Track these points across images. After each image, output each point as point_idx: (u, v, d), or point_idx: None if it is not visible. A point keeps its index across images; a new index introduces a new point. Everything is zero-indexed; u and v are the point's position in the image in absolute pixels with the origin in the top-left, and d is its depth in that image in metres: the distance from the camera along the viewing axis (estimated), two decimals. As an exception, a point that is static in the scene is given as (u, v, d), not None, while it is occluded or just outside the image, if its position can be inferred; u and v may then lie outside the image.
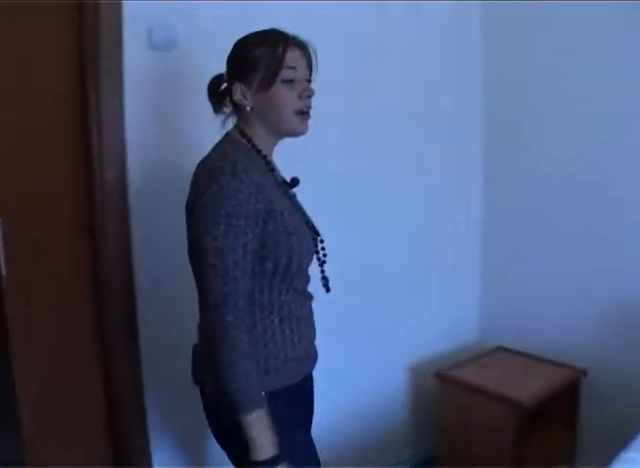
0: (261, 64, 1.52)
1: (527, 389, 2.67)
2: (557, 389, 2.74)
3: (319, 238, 1.70)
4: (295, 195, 1.71)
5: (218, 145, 1.59)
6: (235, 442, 1.49)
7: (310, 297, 1.69)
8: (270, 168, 1.59)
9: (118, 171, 2.01)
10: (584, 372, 2.84)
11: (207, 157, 1.57)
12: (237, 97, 1.56)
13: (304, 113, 1.57)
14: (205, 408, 1.65)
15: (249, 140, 1.58)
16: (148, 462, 2.17)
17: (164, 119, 2.09)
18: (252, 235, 1.41)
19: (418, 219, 2.98)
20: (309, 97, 1.56)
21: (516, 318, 3.19)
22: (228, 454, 1.64)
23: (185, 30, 2.07)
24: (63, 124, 1.95)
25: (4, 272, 1.88)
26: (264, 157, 1.59)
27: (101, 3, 1.87)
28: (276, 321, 1.55)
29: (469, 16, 3.09)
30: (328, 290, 1.72)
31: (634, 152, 2.63)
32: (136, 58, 1.98)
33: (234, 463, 1.63)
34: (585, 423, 2.88)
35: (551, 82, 2.89)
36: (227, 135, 1.61)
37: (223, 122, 1.65)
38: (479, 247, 3.31)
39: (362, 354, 2.76)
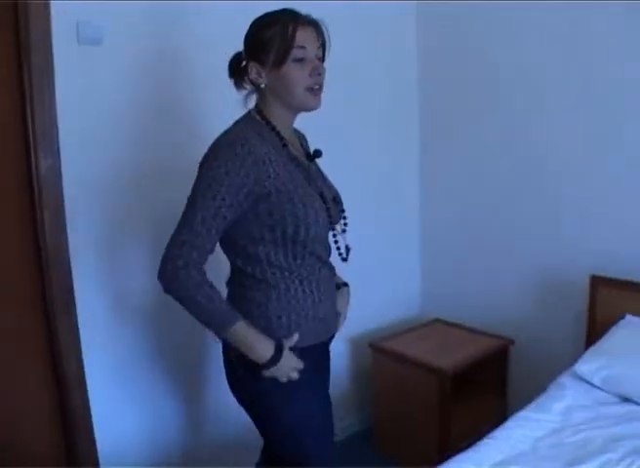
0: (274, 44, 1.62)
1: (453, 358, 2.84)
2: (484, 357, 2.92)
3: (340, 208, 1.85)
4: (314, 167, 1.83)
5: (235, 122, 1.71)
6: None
7: (330, 267, 1.82)
8: (283, 143, 1.69)
9: (53, 159, 2.15)
10: (512, 341, 3.01)
11: (222, 132, 1.69)
12: (253, 75, 1.68)
13: (315, 90, 1.67)
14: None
15: (263, 117, 1.70)
16: (89, 425, 2.34)
17: (93, 110, 2.22)
18: (229, 202, 1.53)
19: (361, 202, 3.12)
20: (320, 74, 1.66)
21: (453, 292, 3.37)
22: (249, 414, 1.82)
23: (113, 26, 2.19)
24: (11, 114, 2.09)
25: None
26: (278, 133, 1.69)
27: (30, 3, 1.99)
28: (297, 281, 1.69)
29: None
30: (344, 259, 1.86)
31: (556, 138, 2.79)
32: (66, 53, 2.11)
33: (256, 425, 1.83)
34: (514, 389, 3.06)
35: (481, 80, 3.06)
36: (248, 112, 1.73)
37: (244, 100, 1.77)
38: (418, 228, 3.48)
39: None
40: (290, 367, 1.65)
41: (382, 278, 3.30)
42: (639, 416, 2.07)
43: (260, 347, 1.61)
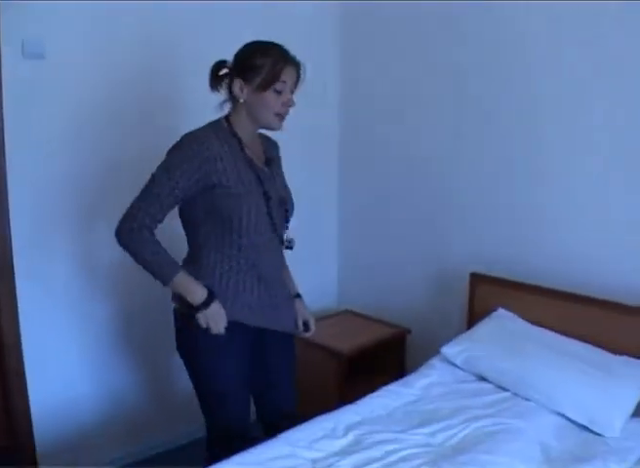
0: (262, 72, 1.98)
1: (351, 343, 3.22)
2: (382, 343, 3.29)
3: (284, 208, 2.19)
4: (267, 170, 2.16)
5: (205, 125, 2.07)
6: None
7: (273, 261, 2.18)
8: (241, 147, 2.06)
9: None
10: (409, 330, 3.38)
11: (191, 130, 2.06)
12: (235, 90, 2.03)
13: (282, 115, 2.05)
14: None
15: (229, 124, 2.06)
16: (24, 385, 2.69)
17: (38, 115, 2.57)
18: (181, 185, 1.92)
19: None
20: (290, 106, 2.04)
21: (365, 286, 3.75)
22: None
23: (54, 43, 2.54)
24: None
25: None
26: (239, 139, 2.05)
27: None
28: (227, 267, 2.06)
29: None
30: (287, 248, 2.25)
31: (465, 151, 3.16)
32: (13, 66, 2.45)
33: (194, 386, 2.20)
34: (410, 373, 3.43)
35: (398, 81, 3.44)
36: (218, 119, 2.09)
37: (220, 105, 2.11)
38: (336, 229, 3.86)
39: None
40: (219, 314, 2.01)
41: (301, 272, 3.65)
42: (487, 392, 2.45)
43: (196, 290, 1.99)
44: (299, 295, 2.41)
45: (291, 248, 2.25)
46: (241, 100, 2.04)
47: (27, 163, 2.56)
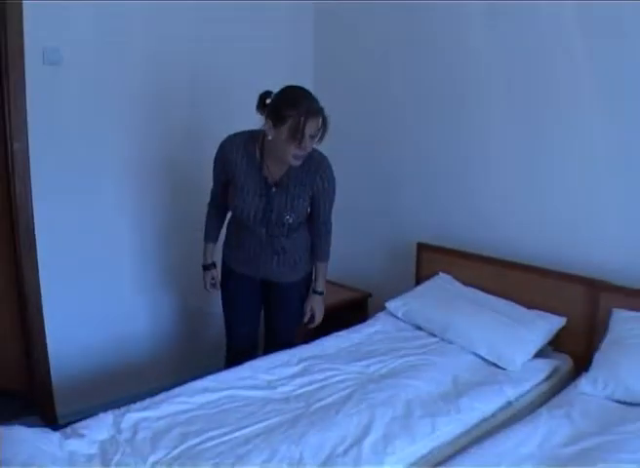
0: (286, 123, 2.34)
1: None
2: (345, 305, 3.82)
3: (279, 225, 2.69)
4: (275, 189, 2.64)
5: (248, 131, 2.62)
6: None
7: (261, 238, 2.77)
8: (259, 167, 2.60)
9: (23, 143, 3.03)
10: (370, 294, 3.91)
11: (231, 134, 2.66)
12: (266, 127, 2.43)
13: (299, 156, 2.45)
14: None
15: (262, 144, 2.56)
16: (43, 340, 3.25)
17: (55, 111, 3.11)
18: (216, 176, 2.75)
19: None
20: (305, 150, 2.42)
21: (337, 255, 4.27)
22: None
23: (69, 51, 3.07)
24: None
25: None
26: (261, 159, 2.58)
27: (7, 23, 2.84)
28: (234, 230, 2.86)
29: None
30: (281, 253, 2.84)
31: (416, 131, 3.68)
32: (35, 71, 2.98)
33: None
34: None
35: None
36: (258, 132, 2.55)
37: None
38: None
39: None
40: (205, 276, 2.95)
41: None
42: (419, 338, 2.98)
43: (205, 256, 2.97)
44: (317, 292, 2.95)
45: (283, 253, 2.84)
46: (269, 138, 2.45)
47: (47, 152, 3.10)
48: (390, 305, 3.18)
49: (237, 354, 2.88)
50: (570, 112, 2.94)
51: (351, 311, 3.82)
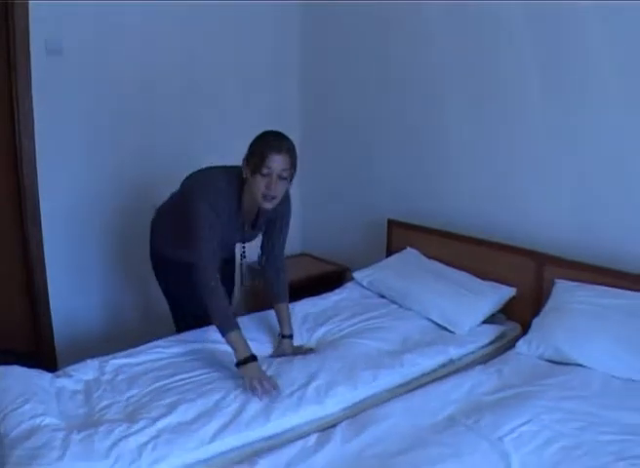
0: (251, 160, 2.39)
1: (297, 275, 4.09)
2: (323, 278, 4.16)
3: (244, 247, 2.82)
4: (249, 229, 2.74)
5: (227, 169, 2.58)
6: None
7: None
8: (239, 213, 2.58)
9: (30, 140, 3.39)
10: (349, 268, 4.24)
11: (212, 170, 2.61)
12: (243, 167, 2.47)
13: (268, 197, 2.40)
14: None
15: (241, 190, 2.52)
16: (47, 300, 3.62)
17: (58, 102, 3.46)
18: (215, 227, 2.45)
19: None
20: (271, 189, 2.37)
21: (320, 233, 4.63)
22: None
23: (69, 41, 3.41)
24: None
25: None
26: (239, 205, 2.55)
27: (15, 21, 3.19)
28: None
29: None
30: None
31: (389, 122, 3.99)
32: (39, 60, 3.33)
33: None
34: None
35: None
36: (239, 174, 2.50)
37: None
38: (298, 185, 4.71)
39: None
40: (257, 372, 2.38)
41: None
42: (381, 305, 3.28)
43: (240, 349, 2.41)
44: (288, 336, 2.78)
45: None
46: (244, 176, 2.48)
47: (52, 132, 3.45)
48: (357, 275, 3.50)
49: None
50: (517, 94, 3.24)
51: (331, 285, 4.09)
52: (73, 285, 3.73)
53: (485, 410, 2.25)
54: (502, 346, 2.98)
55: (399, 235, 3.80)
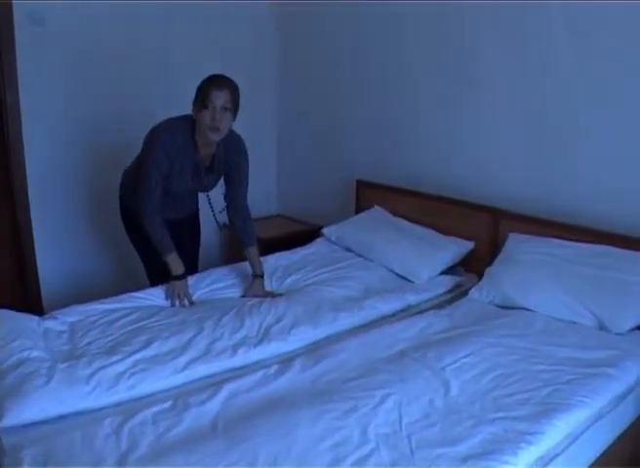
0: (198, 99, 2.66)
1: (269, 234, 4.34)
2: (294, 236, 4.36)
3: (207, 193, 3.13)
4: (208, 172, 2.96)
5: (179, 118, 2.80)
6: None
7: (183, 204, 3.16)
8: (194, 147, 2.80)
9: (14, 94, 3.59)
10: (321, 227, 4.43)
11: (167, 120, 2.80)
12: (193, 111, 2.72)
13: (214, 128, 2.65)
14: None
15: (193, 129, 2.75)
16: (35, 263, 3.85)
17: (40, 65, 3.65)
18: (161, 167, 2.74)
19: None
20: (216, 119, 2.63)
21: (295, 196, 4.85)
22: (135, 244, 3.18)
23: (52, 12, 3.61)
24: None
25: None
26: (193, 138, 2.77)
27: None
28: None
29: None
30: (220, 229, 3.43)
31: (366, 89, 4.18)
32: (22, 31, 3.52)
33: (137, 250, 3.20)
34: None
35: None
36: (190, 117, 2.76)
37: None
38: (276, 150, 4.97)
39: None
40: (181, 287, 2.91)
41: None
42: (347, 258, 3.51)
43: (176, 267, 2.91)
44: (260, 275, 3.07)
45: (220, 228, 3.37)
46: (194, 117, 2.73)
47: (36, 99, 3.64)
48: (326, 231, 3.73)
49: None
50: (479, 64, 3.47)
51: (304, 243, 4.30)
52: (58, 243, 3.94)
53: (432, 346, 2.49)
54: (458, 295, 3.20)
55: (367, 195, 4.01)
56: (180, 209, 3.14)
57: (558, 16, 3.03)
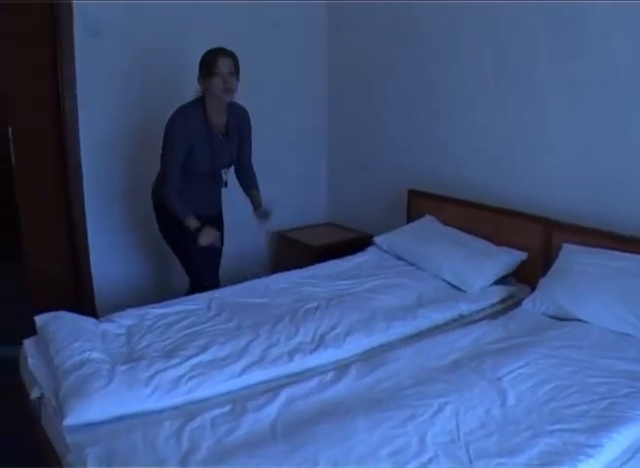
0: (205, 70, 3.04)
1: (321, 242, 4.37)
2: (345, 244, 4.38)
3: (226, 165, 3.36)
4: (225, 139, 3.29)
5: (186, 103, 3.15)
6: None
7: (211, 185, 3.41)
8: (207, 121, 3.15)
9: (71, 102, 3.68)
10: (372, 236, 4.43)
11: (181, 105, 3.13)
12: (200, 87, 3.14)
13: (227, 90, 3.06)
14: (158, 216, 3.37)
15: (203, 104, 3.14)
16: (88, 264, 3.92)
17: (97, 75, 3.74)
18: (181, 151, 3.10)
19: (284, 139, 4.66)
20: (227, 82, 3.03)
21: (345, 204, 4.86)
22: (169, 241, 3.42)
23: (108, 25, 3.69)
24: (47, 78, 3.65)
25: (14, 161, 3.61)
26: (205, 113, 3.13)
27: (60, 4, 3.49)
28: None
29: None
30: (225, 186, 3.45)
31: (414, 103, 4.19)
32: (81, 41, 3.62)
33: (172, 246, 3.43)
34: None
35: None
36: (195, 99, 3.17)
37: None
38: (326, 159, 4.99)
39: (239, 222, 4.03)
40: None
41: (298, 192, 4.81)
42: (398, 266, 3.52)
43: (193, 223, 3.16)
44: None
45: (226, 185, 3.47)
46: (202, 91, 3.15)
47: (92, 107, 3.74)
48: (378, 240, 3.74)
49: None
50: (534, 80, 3.43)
51: (355, 251, 4.27)
52: (110, 246, 4.05)
53: (487, 356, 2.47)
54: (511, 305, 3.17)
55: (419, 204, 4.01)
56: (211, 204, 3.43)
57: (615, 25, 3.00)
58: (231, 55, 3.08)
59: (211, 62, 3.02)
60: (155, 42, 3.88)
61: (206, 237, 3.14)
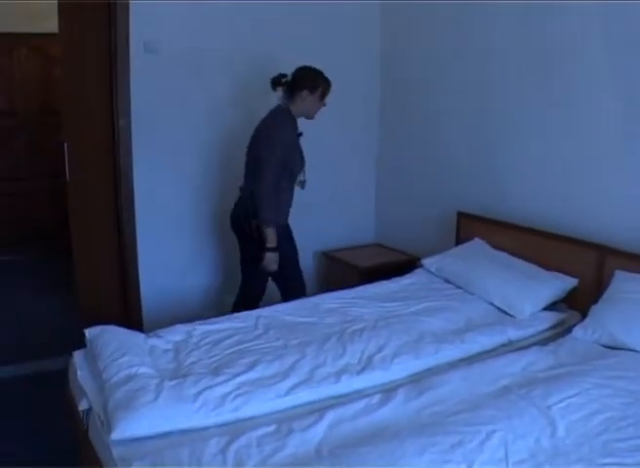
0: (319, 89, 3.39)
1: (368, 263, 4.37)
2: (394, 266, 4.37)
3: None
4: (301, 136, 3.50)
5: (275, 111, 3.43)
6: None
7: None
8: (296, 126, 3.42)
9: (126, 119, 3.75)
10: (419, 258, 4.43)
11: (268, 117, 3.44)
12: (303, 95, 3.38)
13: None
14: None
15: (290, 112, 3.39)
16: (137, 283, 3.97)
17: (151, 89, 3.81)
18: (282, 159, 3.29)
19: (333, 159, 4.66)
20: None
21: (393, 225, 4.85)
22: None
23: (164, 42, 3.76)
24: (104, 91, 3.72)
25: (68, 177, 3.68)
26: (295, 121, 3.42)
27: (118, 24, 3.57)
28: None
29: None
30: (303, 187, 3.55)
31: (464, 124, 4.19)
32: (138, 57, 3.69)
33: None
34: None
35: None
36: (280, 106, 3.43)
37: (282, 99, 3.43)
38: (374, 179, 4.99)
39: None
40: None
41: (346, 212, 4.81)
42: (446, 289, 3.47)
43: (272, 239, 3.31)
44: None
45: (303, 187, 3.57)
46: (304, 102, 3.40)
47: (142, 115, 3.80)
48: (426, 262, 3.71)
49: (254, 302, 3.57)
50: (584, 98, 3.39)
51: (402, 273, 4.28)
52: (161, 262, 4.08)
53: (537, 383, 2.42)
54: (561, 332, 3.11)
55: (468, 226, 3.98)
56: (289, 212, 3.53)
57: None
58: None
59: (325, 90, 3.41)
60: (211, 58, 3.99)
61: (273, 264, 3.32)
